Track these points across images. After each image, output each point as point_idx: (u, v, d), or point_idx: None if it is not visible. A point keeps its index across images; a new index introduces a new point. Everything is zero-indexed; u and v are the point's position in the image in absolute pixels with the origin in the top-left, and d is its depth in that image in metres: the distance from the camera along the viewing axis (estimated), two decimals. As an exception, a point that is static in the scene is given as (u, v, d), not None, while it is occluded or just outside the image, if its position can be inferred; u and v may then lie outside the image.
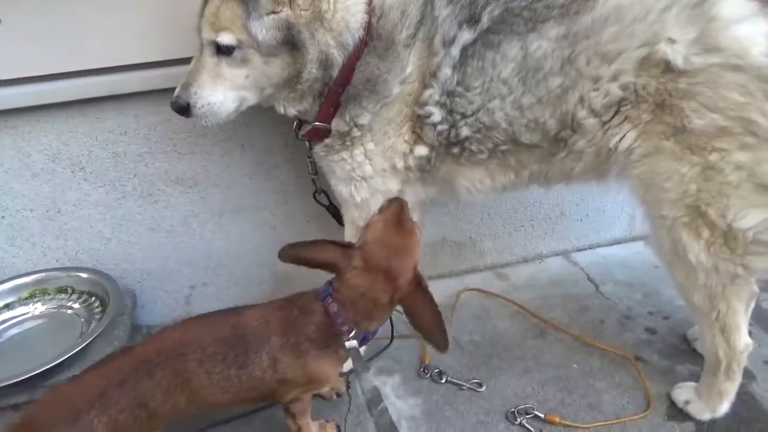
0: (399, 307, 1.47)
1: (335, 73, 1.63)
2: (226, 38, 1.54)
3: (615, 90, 1.50)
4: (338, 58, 1.61)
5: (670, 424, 1.75)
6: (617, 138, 1.57)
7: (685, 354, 2.02)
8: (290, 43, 1.57)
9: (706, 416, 1.74)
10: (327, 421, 1.81)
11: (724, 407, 1.72)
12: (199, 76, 1.61)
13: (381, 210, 1.53)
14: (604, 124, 1.57)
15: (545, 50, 1.54)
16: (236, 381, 1.45)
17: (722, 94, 1.37)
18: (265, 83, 1.65)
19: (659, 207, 1.54)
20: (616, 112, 1.54)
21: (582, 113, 1.56)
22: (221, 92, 1.62)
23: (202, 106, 1.62)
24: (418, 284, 1.45)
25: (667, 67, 1.43)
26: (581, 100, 1.55)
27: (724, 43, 1.36)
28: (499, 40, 1.58)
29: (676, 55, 1.40)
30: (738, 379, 1.69)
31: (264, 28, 1.53)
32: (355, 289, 1.45)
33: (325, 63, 1.61)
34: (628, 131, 1.55)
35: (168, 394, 1.41)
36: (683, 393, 1.80)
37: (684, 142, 1.45)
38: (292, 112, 1.74)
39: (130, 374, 1.39)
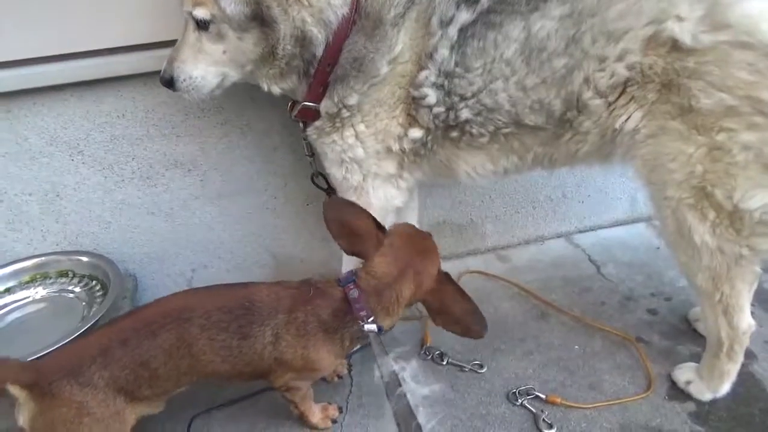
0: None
1: (318, 51, 1.62)
2: (200, 12, 1.55)
3: (621, 70, 1.48)
4: (318, 35, 1.59)
5: (670, 404, 1.76)
6: (623, 119, 1.54)
7: (687, 335, 2.02)
8: (259, 18, 1.56)
9: (707, 396, 1.74)
10: (329, 404, 1.82)
11: (725, 387, 1.73)
12: (182, 50, 1.64)
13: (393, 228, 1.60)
14: (609, 105, 1.54)
15: (549, 30, 1.51)
16: (236, 352, 1.48)
17: (731, 73, 1.34)
18: (242, 59, 1.65)
19: (664, 188, 1.52)
20: (622, 93, 1.52)
21: (587, 94, 1.54)
22: (202, 67, 1.64)
23: (184, 80, 1.65)
24: (445, 279, 1.52)
25: (675, 46, 1.40)
26: (587, 80, 1.52)
27: (734, 20, 1.33)
28: (500, 20, 1.55)
29: (684, 33, 1.37)
30: (740, 360, 1.68)
31: (232, 3, 1.53)
32: (382, 278, 1.50)
33: (302, 40, 1.60)
34: (633, 112, 1.52)
35: (169, 356, 1.44)
36: (684, 373, 1.80)
37: (690, 122, 1.43)
38: (276, 90, 1.73)
39: (133, 334, 1.43)
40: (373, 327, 1.49)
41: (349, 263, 1.81)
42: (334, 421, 1.79)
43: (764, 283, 2.19)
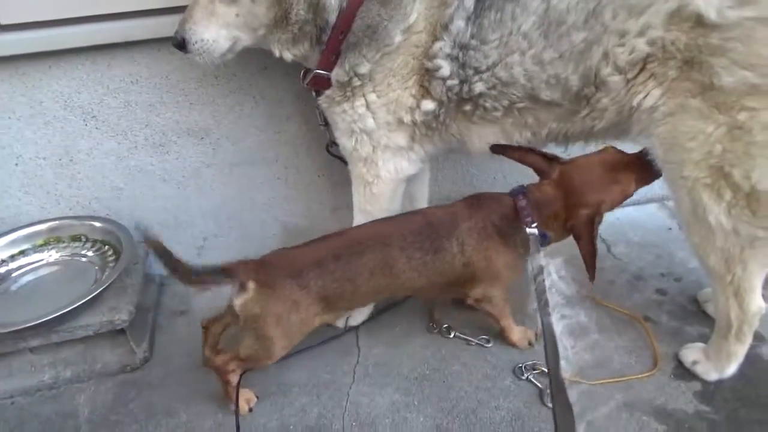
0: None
1: (331, 17, 1.60)
2: None
3: (642, 45, 1.45)
4: (332, 2, 1.59)
5: (676, 383, 1.77)
6: (641, 96, 1.52)
7: (695, 315, 2.02)
8: None
9: (713, 377, 1.75)
10: (528, 329, 1.96)
11: (732, 368, 1.73)
12: (195, 12, 1.63)
13: (605, 149, 1.70)
14: (628, 81, 1.52)
15: (569, 3, 1.48)
16: (431, 266, 1.68)
17: (756, 50, 1.31)
18: (255, 23, 1.64)
19: (681, 167, 1.50)
20: (642, 69, 1.49)
21: (606, 70, 1.51)
22: (214, 29, 1.64)
23: (196, 42, 1.64)
24: (590, 222, 1.62)
25: (699, 21, 1.36)
26: (605, 55, 1.49)
27: None
28: None
29: (709, 8, 1.34)
30: (748, 341, 1.68)
31: None
32: (544, 195, 1.68)
33: (316, 6, 1.59)
34: (652, 89, 1.50)
35: (372, 274, 1.65)
36: (691, 353, 1.80)
37: (711, 100, 1.40)
38: (288, 56, 1.72)
39: (345, 251, 1.64)
40: (535, 231, 1.64)
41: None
42: (531, 344, 1.92)
43: (776, 266, 2.18)
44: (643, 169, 1.63)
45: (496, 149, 1.77)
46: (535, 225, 1.65)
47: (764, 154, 1.37)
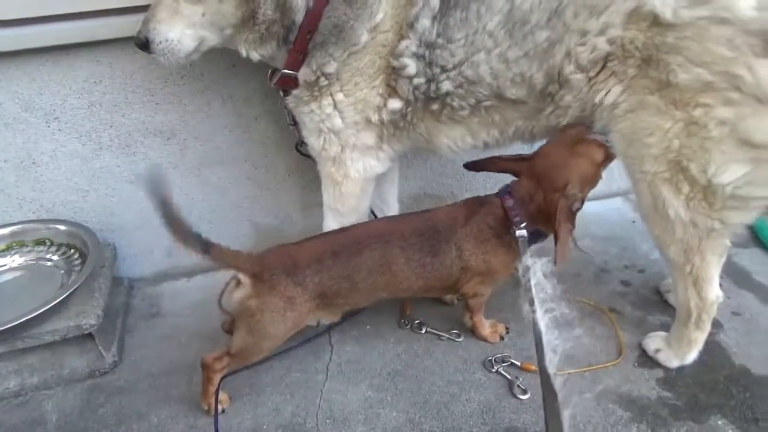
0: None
1: (298, 17, 1.60)
2: None
3: (602, 44, 1.48)
4: (299, 1, 1.58)
5: (639, 370, 1.82)
6: (602, 93, 1.56)
7: (657, 305, 2.09)
8: None
9: (674, 364, 1.81)
10: (498, 323, 2.00)
11: (692, 355, 1.79)
12: (158, 11, 1.60)
13: (563, 129, 1.71)
14: (590, 80, 1.55)
15: (532, 2, 1.51)
16: (429, 268, 1.71)
17: (708, 48, 1.35)
18: (222, 22, 1.62)
19: (641, 162, 1.55)
20: (603, 68, 1.53)
21: (569, 68, 1.55)
22: (179, 29, 1.61)
23: (160, 42, 1.61)
24: (561, 203, 1.60)
25: (655, 21, 1.41)
26: (568, 54, 1.53)
27: None
28: None
29: (665, 7, 1.38)
30: (707, 329, 1.75)
31: None
32: (525, 189, 1.70)
33: (283, 6, 1.58)
34: (613, 86, 1.54)
35: (370, 272, 1.66)
36: (654, 342, 1.86)
37: (668, 97, 1.45)
38: (255, 56, 1.72)
39: (344, 248, 1.65)
40: (523, 232, 1.66)
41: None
42: (501, 338, 1.97)
43: (732, 256, 2.26)
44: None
45: (470, 166, 1.85)
46: (523, 225, 1.67)
47: (719, 148, 1.42)
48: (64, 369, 1.91)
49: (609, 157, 1.68)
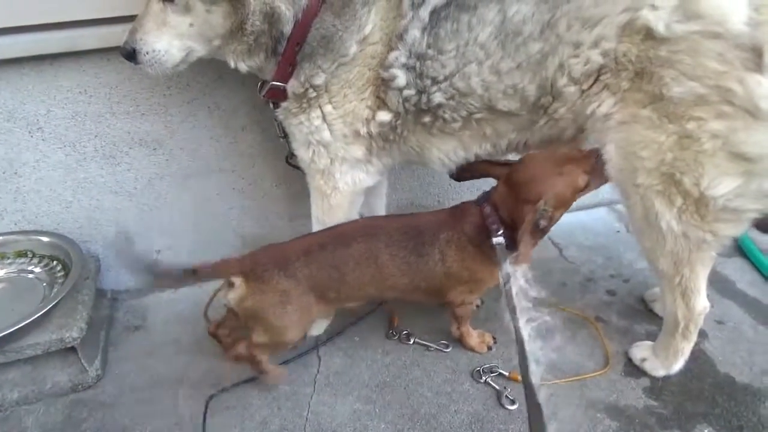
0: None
1: (286, 28, 1.60)
2: None
3: (596, 57, 1.48)
4: (287, 13, 1.58)
5: (626, 380, 1.83)
6: (595, 105, 1.56)
7: (643, 315, 2.10)
8: None
9: (660, 373, 1.82)
10: (485, 333, 2.01)
11: (678, 365, 1.80)
12: (146, 22, 1.59)
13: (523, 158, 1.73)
14: (583, 92, 1.55)
15: (525, 14, 1.51)
16: (414, 268, 1.73)
17: (701, 62, 1.36)
18: (210, 33, 1.62)
19: (635, 175, 1.55)
20: (596, 80, 1.52)
21: (562, 80, 1.54)
22: (166, 40, 1.60)
23: (147, 53, 1.61)
24: (531, 215, 1.58)
25: (649, 34, 1.41)
26: (561, 66, 1.52)
27: (705, 10, 1.35)
28: (475, 3, 1.54)
29: (658, 21, 1.39)
30: (693, 339, 1.76)
31: None
32: (500, 196, 1.71)
33: (271, 17, 1.58)
34: (606, 99, 1.54)
35: (358, 264, 1.70)
36: (640, 351, 1.88)
37: (662, 110, 1.45)
38: (243, 67, 1.71)
39: (330, 241, 1.71)
40: (500, 240, 1.66)
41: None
42: (489, 348, 1.97)
43: (716, 265, 2.28)
44: (594, 168, 1.63)
45: (456, 176, 1.88)
46: (500, 233, 1.66)
47: (712, 161, 1.42)
48: (46, 383, 1.87)
49: (589, 187, 1.66)
